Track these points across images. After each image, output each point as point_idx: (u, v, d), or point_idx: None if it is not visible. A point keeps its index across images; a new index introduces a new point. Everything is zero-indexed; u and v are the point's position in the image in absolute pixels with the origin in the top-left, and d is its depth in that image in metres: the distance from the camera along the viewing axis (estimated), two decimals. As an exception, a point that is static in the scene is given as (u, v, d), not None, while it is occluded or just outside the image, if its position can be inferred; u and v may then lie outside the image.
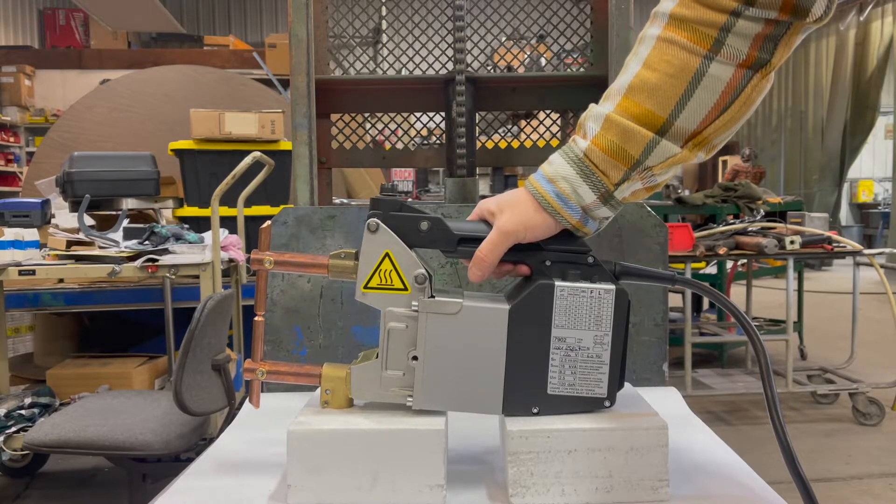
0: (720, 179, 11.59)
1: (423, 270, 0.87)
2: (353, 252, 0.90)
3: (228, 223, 3.63)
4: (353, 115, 2.07)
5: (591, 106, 0.89)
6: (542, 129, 2.04)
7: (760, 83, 0.85)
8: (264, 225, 0.94)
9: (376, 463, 0.85)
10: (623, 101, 0.86)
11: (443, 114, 2.11)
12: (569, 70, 2.22)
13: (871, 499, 3.34)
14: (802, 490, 0.80)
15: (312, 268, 0.92)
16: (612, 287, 0.87)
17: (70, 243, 3.27)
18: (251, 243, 3.82)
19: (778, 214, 5.25)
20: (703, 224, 5.30)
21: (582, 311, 0.87)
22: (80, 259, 3.19)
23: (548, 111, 2.03)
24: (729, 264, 5.51)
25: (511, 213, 0.88)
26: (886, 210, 12.60)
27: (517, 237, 0.87)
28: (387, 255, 0.87)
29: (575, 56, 2.12)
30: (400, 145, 2.15)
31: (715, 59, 0.82)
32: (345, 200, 5.34)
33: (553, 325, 0.87)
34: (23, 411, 3.27)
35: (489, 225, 0.89)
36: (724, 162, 13.35)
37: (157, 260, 3.13)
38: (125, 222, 3.55)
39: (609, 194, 0.88)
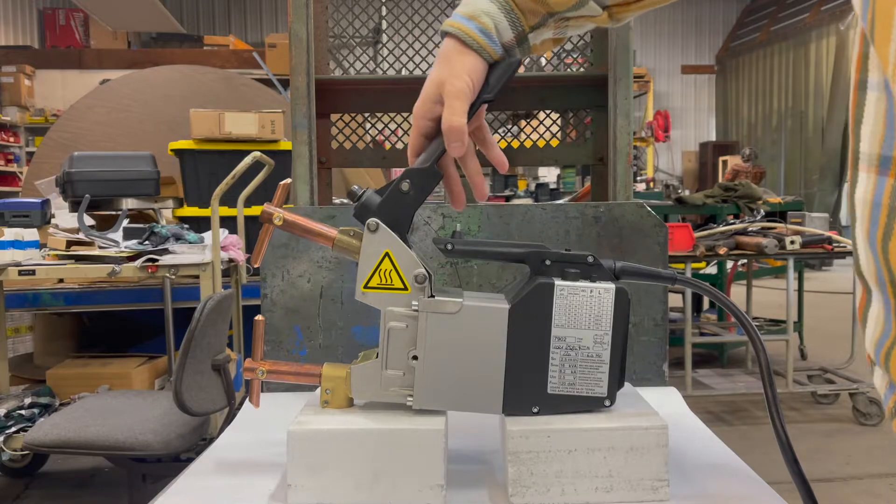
0: (720, 179, 11.59)
1: (422, 270, 0.87)
2: (363, 233, 0.89)
3: (228, 223, 3.63)
4: (353, 115, 2.07)
5: None
6: (542, 129, 2.04)
7: None
8: (285, 181, 0.93)
9: (376, 463, 0.85)
10: None
11: (443, 114, 2.10)
12: (569, 70, 2.23)
13: (872, 499, 3.34)
14: (803, 490, 0.80)
15: (318, 236, 0.91)
16: (612, 286, 0.87)
17: (70, 243, 3.27)
18: (251, 243, 3.82)
19: (778, 214, 5.25)
20: (704, 224, 5.30)
21: (582, 310, 0.87)
22: (79, 259, 3.19)
23: (548, 111, 2.03)
24: (729, 264, 5.52)
25: (448, 73, 0.85)
26: (886, 210, 12.58)
27: (468, 88, 0.85)
28: (387, 254, 0.87)
29: (575, 56, 2.12)
30: (400, 145, 2.15)
31: None
32: (345, 200, 5.34)
33: (553, 325, 0.87)
34: (23, 411, 3.27)
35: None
36: (725, 162, 13.37)
37: (156, 260, 3.13)
38: (125, 222, 3.55)
39: (524, 36, 0.89)
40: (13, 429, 3.18)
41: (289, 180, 0.94)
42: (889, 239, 0.64)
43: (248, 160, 3.11)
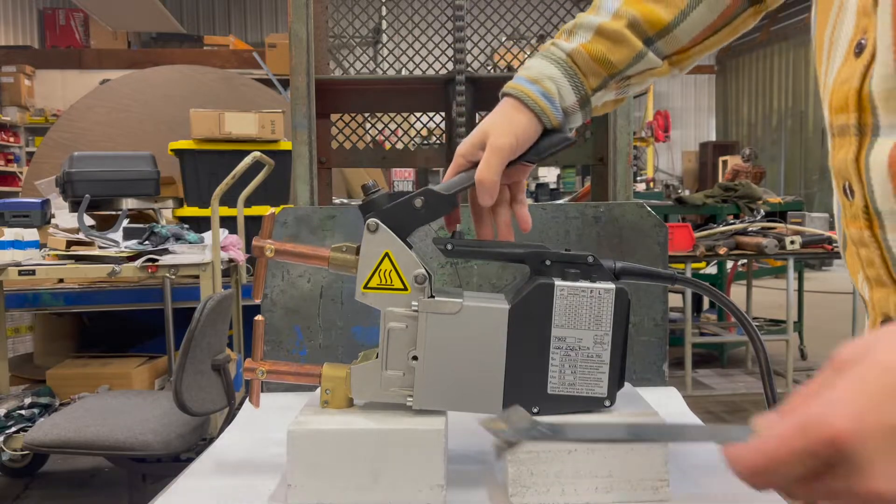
0: (720, 179, 11.58)
1: (422, 270, 0.87)
2: (355, 247, 0.90)
3: (228, 223, 3.63)
4: (353, 115, 2.07)
5: (581, 15, 0.91)
6: (542, 128, 2.04)
7: (748, 20, 0.89)
8: (268, 213, 0.94)
9: (376, 463, 0.85)
10: (625, 3, 0.88)
11: (443, 114, 2.11)
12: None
13: (872, 499, 3.34)
14: (803, 490, 0.80)
15: (313, 259, 0.91)
16: (612, 286, 0.87)
17: (70, 243, 3.27)
18: (251, 243, 3.82)
19: (778, 214, 5.26)
20: (704, 224, 5.30)
21: (582, 310, 0.87)
22: (79, 259, 3.19)
23: (548, 111, 2.03)
24: (729, 264, 5.52)
25: (497, 127, 0.87)
26: (886, 210, 12.57)
27: (510, 149, 0.86)
28: (386, 255, 0.87)
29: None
30: (400, 145, 2.15)
31: None
32: (345, 200, 5.33)
33: (553, 325, 0.87)
34: (23, 411, 3.27)
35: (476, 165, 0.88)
36: (725, 162, 13.37)
37: (156, 260, 3.13)
38: (125, 222, 3.55)
39: (587, 99, 0.89)
40: (13, 429, 3.17)
41: (273, 210, 0.95)
42: (845, 249, 0.66)
43: (247, 160, 3.11)
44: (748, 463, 0.42)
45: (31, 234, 3.26)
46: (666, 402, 1.17)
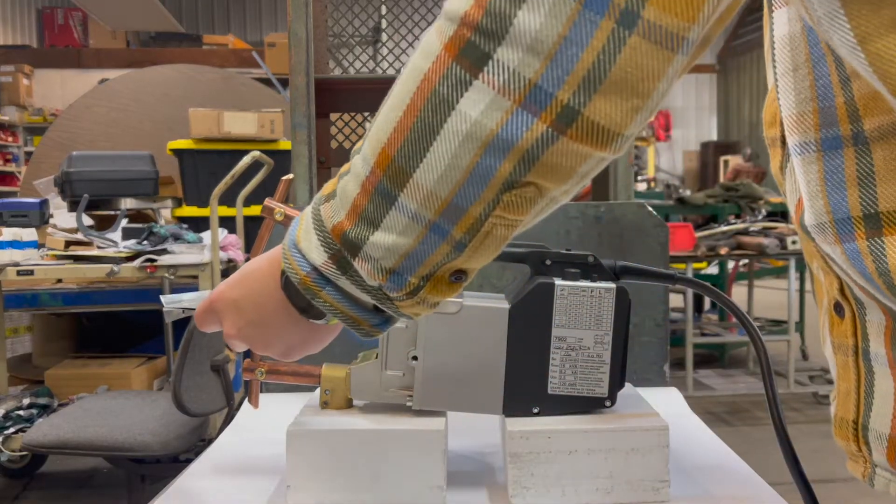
0: (721, 179, 11.59)
1: (422, 270, 0.86)
2: None
3: (227, 223, 3.62)
4: (353, 114, 2.06)
5: None
6: (542, 128, 2.03)
7: None
8: (287, 176, 0.93)
9: (376, 463, 0.84)
10: None
11: (442, 113, 2.10)
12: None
13: (873, 500, 3.33)
14: (804, 491, 0.79)
15: None
16: (613, 286, 0.87)
17: (68, 243, 3.26)
18: (250, 243, 3.82)
19: (780, 214, 5.25)
20: (705, 224, 5.30)
21: (582, 310, 0.86)
22: (78, 259, 3.18)
23: (548, 110, 2.02)
24: (730, 264, 5.52)
25: None
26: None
27: None
28: (386, 254, 0.86)
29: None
30: (399, 145, 2.14)
31: None
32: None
33: (553, 325, 0.86)
34: (21, 412, 3.26)
35: None
36: (726, 162, 13.37)
37: (155, 260, 3.12)
38: (124, 222, 3.54)
39: None
40: (12, 429, 3.17)
41: (291, 175, 0.94)
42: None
43: (247, 160, 3.10)
44: (195, 315, 0.69)
45: (29, 234, 3.26)
46: (667, 403, 1.17)
